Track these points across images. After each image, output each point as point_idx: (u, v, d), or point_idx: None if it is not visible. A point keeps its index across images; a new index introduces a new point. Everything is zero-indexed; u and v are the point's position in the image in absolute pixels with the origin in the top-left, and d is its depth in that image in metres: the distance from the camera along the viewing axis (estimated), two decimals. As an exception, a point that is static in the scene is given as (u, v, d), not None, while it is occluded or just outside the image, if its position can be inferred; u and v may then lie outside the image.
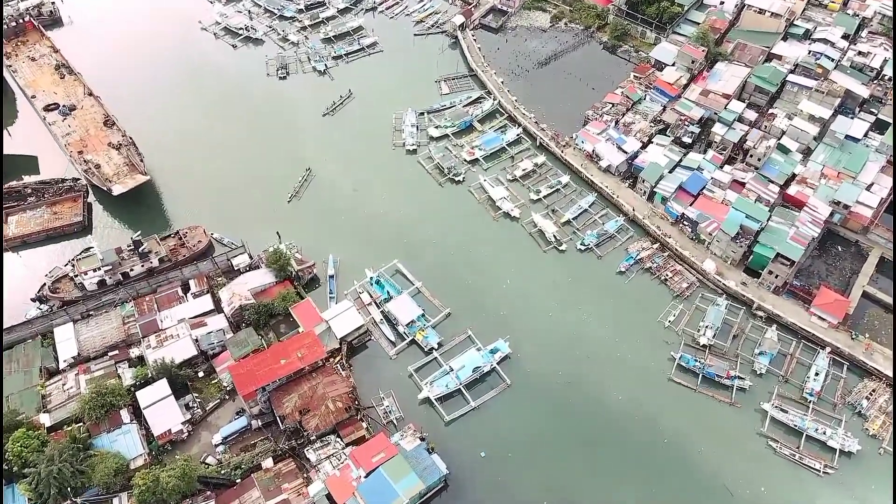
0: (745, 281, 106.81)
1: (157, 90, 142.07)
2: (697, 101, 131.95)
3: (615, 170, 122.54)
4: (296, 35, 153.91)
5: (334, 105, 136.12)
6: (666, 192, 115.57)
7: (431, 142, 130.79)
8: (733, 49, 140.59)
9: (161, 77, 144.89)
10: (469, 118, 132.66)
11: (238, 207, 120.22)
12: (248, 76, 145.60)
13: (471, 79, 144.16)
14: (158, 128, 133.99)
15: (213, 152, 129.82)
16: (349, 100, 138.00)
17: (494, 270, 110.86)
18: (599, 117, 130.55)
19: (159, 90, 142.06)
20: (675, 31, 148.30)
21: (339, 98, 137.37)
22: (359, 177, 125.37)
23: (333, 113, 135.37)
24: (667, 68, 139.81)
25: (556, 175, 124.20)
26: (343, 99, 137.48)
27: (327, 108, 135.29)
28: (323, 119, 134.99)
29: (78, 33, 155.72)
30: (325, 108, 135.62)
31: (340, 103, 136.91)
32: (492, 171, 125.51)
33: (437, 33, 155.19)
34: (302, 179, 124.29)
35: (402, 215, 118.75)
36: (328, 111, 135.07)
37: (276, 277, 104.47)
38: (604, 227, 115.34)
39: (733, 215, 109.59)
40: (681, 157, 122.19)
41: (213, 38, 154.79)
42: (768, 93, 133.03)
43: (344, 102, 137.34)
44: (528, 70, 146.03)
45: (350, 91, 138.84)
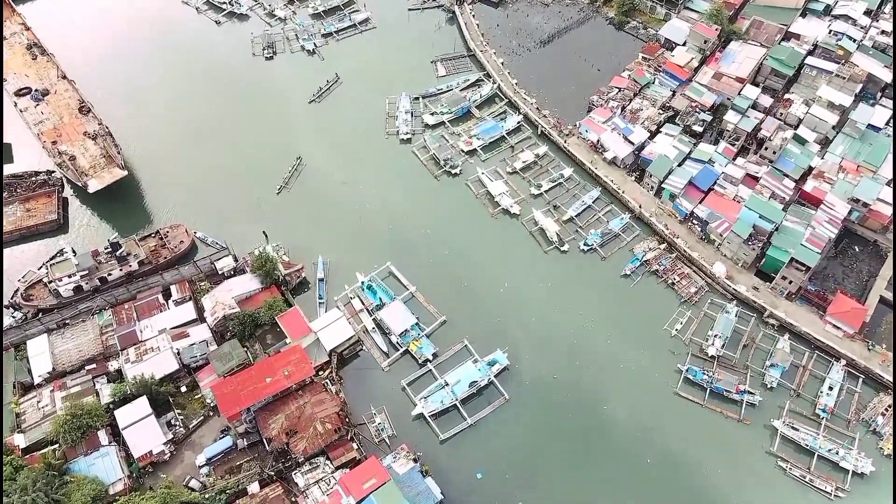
0: (756, 286, 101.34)
1: (136, 71, 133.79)
2: (709, 85, 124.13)
3: (621, 162, 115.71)
4: (283, 10, 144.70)
5: (320, 91, 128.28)
6: (675, 189, 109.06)
7: (427, 130, 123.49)
8: (748, 27, 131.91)
9: (139, 57, 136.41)
10: (467, 104, 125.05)
11: (223, 202, 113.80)
12: (233, 56, 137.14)
13: (469, 59, 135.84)
14: (137, 114, 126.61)
15: (195, 140, 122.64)
16: (336, 84, 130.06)
17: (492, 272, 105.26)
18: (605, 104, 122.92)
19: (138, 72, 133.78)
20: (687, 6, 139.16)
21: (326, 83, 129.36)
22: (350, 168, 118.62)
23: (320, 100, 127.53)
24: (677, 48, 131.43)
25: (559, 167, 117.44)
26: (330, 84, 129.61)
27: (313, 95, 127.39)
28: (312, 105, 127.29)
29: (51, 7, 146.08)
30: (312, 94, 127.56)
31: (327, 89, 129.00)
32: (490, 163, 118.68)
33: (434, 7, 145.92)
34: (292, 169, 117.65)
35: (396, 211, 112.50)
36: (314, 98, 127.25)
37: (263, 283, 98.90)
38: (608, 225, 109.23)
39: (746, 215, 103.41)
40: (691, 149, 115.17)
41: (195, 13, 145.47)
42: (785, 76, 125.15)
43: (331, 88, 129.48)
44: (530, 49, 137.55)
45: (337, 75, 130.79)
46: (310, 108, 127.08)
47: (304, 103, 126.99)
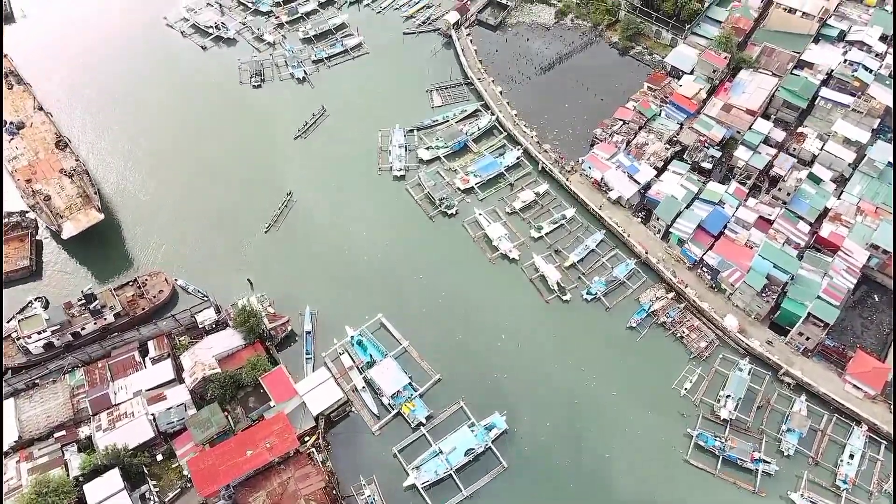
0: (770, 340, 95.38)
1: (116, 102, 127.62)
2: (718, 117, 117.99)
3: (626, 202, 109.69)
4: (272, 34, 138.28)
5: (306, 126, 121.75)
6: (683, 234, 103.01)
7: (421, 165, 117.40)
8: (759, 54, 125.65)
9: (120, 86, 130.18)
10: (464, 138, 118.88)
11: (206, 244, 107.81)
12: (219, 84, 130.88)
13: (466, 87, 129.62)
14: (117, 148, 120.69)
15: (178, 176, 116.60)
16: (322, 117, 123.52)
17: (490, 323, 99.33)
18: (609, 138, 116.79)
19: (118, 102, 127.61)
20: (694, 31, 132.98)
21: (312, 116, 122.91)
22: (340, 206, 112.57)
23: (306, 135, 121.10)
24: (684, 77, 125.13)
25: (560, 207, 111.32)
26: (315, 117, 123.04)
27: (299, 130, 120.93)
28: (299, 140, 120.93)
29: (29, 32, 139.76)
30: (298, 129, 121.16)
31: (313, 122, 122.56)
32: (489, 202, 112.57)
33: (430, 31, 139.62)
34: (282, 205, 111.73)
35: (388, 254, 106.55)
36: (300, 133, 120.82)
37: (246, 339, 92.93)
38: (613, 271, 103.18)
39: (759, 264, 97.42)
40: (700, 188, 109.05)
41: (180, 36, 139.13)
42: (798, 109, 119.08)
43: (317, 121, 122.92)
44: (530, 77, 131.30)
45: (323, 108, 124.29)
46: (298, 141, 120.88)
47: (291, 138, 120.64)
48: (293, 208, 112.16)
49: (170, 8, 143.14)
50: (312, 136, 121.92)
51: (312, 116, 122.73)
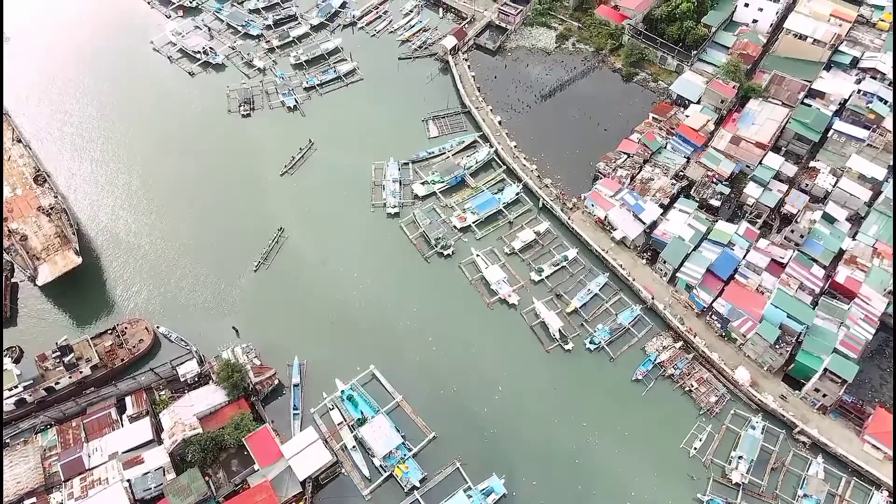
0: (784, 394, 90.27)
1: (98, 131, 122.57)
2: (727, 151, 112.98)
3: (631, 243, 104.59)
4: (262, 60, 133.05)
5: (293, 161, 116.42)
6: (691, 279, 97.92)
7: (416, 201, 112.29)
8: (768, 83, 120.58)
9: (104, 114, 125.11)
10: (461, 172, 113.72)
11: (191, 286, 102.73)
12: (207, 113, 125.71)
13: (463, 116, 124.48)
14: (97, 181, 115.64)
15: (163, 212, 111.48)
16: (310, 150, 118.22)
17: (487, 373, 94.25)
18: (612, 172, 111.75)
19: (100, 131, 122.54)
20: (701, 58, 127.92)
21: (299, 150, 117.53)
22: (331, 246, 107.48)
23: (293, 171, 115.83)
24: (691, 107, 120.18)
25: (562, 248, 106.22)
26: (303, 151, 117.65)
27: (285, 166, 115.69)
28: (287, 175, 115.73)
29: (9, 57, 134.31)
30: (284, 164, 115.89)
31: (301, 157, 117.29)
32: (487, 241, 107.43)
33: (426, 57, 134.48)
34: (273, 242, 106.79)
35: (381, 298, 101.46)
36: (287, 169, 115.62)
37: (229, 396, 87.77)
38: (617, 318, 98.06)
39: (771, 314, 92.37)
40: (709, 227, 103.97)
41: (167, 61, 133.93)
42: (810, 142, 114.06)
43: (304, 156, 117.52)
44: (530, 105, 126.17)
45: (310, 141, 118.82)
46: (289, 175, 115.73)
47: (279, 172, 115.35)
48: (284, 245, 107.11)
49: (156, 32, 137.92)
50: (305, 167, 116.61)
51: (300, 151, 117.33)
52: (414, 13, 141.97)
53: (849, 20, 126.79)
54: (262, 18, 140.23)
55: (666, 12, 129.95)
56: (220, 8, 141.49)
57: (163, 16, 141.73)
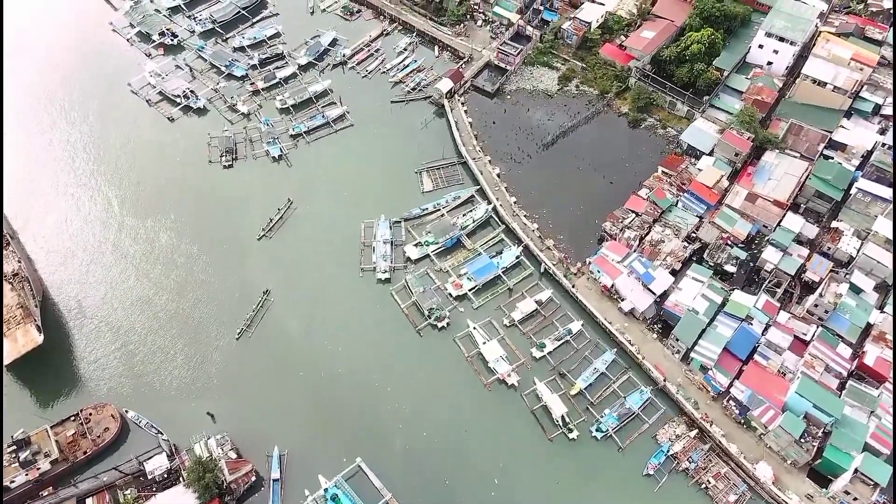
0: (811, 494, 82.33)
1: (70, 185, 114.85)
2: (742, 209, 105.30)
3: (640, 315, 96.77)
4: (246, 104, 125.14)
5: (271, 223, 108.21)
6: (706, 359, 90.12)
7: (409, 265, 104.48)
8: (786, 133, 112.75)
9: (75, 165, 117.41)
10: (457, 233, 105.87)
11: (164, 363, 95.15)
12: (187, 162, 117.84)
13: (460, 167, 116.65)
14: (67, 241, 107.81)
15: (136, 276, 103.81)
16: (289, 211, 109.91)
17: (483, 464, 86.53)
18: (619, 233, 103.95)
19: (72, 184, 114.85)
20: (713, 103, 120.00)
21: (277, 211, 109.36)
22: (317, 316, 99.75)
23: (270, 234, 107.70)
24: (703, 159, 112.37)
25: (566, 319, 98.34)
26: (281, 212, 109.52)
27: (262, 230, 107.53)
28: (269, 234, 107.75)
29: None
30: (261, 227, 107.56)
31: (279, 217, 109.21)
32: (485, 310, 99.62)
33: (420, 99, 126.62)
34: (257, 306, 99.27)
35: (369, 377, 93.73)
36: (264, 233, 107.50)
37: (201, 498, 79.88)
38: (626, 402, 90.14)
39: (795, 403, 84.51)
40: (724, 297, 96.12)
41: (146, 105, 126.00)
42: (831, 199, 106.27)
43: (283, 216, 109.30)
44: (531, 155, 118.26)
45: (289, 200, 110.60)
46: (273, 233, 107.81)
47: (257, 236, 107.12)
48: (267, 313, 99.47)
49: (135, 72, 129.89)
50: (291, 226, 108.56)
51: (278, 212, 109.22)
52: (408, 51, 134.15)
53: (870, 64, 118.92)
54: (247, 57, 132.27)
55: (675, 53, 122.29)
56: (203, 46, 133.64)
57: (143, 54, 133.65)
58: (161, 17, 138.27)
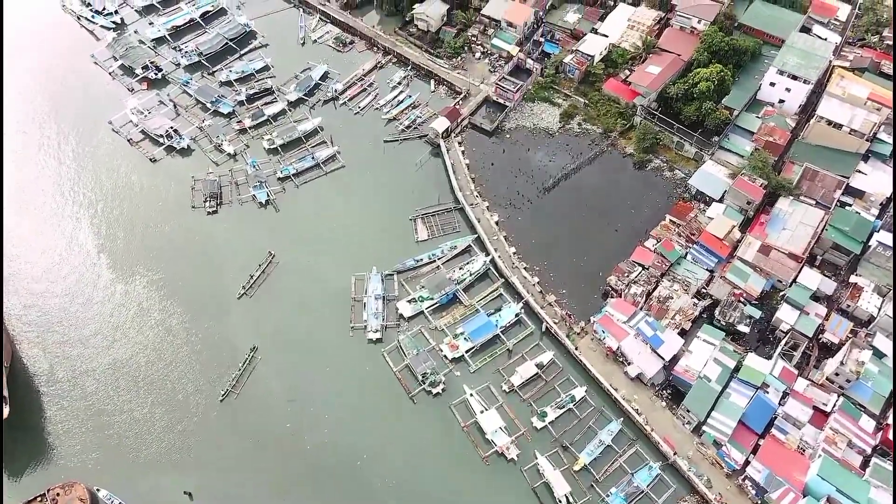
0: (834, 586, 76.45)
1: (42, 233, 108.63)
2: (755, 262, 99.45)
3: (648, 381, 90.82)
4: (232, 144, 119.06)
5: (251, 281, 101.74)
6: (720, 433, 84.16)
7: (402, 322, 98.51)
8: (800, 178, 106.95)
9: (49, 211, 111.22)
10: (452, 288, 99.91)
11: (140, 433, 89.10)
12: (169, 208, 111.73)
13: (456, 213, 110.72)
14: (35, 298, 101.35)
15: (111, 336, 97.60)
16: (275, 262, 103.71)
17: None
18: (625, 288, 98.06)
19: (44, 233, 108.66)
20: (722, 145, 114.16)
21: (258, 267, 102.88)
22: (303, 379, 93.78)
23: (251, 293, 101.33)
24: (713, 206, 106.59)
25: (568, 384, 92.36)
26: (262, 266, 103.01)
27: (243, 287, 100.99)
28: (250, 293, 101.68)
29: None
30: (242, 285, 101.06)
31: (262, 272, 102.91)
32: (482, 374, 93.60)
33: (415, 139, 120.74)
34: (244, 364, 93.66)
35: (357, 446, 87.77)
36: (244, 290, 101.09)
37: None
38: (633, 478, 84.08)
39: (817, 486, 78.64)
40: (738, 362, 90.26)
41: (126, 145, 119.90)
42: (850, 252, 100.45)
43: (265, 270, 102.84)
44: (531, 200, 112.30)
45: (271, 254, 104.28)
46: (257, 289, 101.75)
47: (237, 294, 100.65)
48: (256, 369, 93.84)
49: (117, 108, 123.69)
50: (278, 278, 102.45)
51: (258, 267, 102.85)
52: (403, 85, 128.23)
53: (888, 104, 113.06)
54: (234, 92, 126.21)
55: (682, 90, 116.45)
56: (189, 80, 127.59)
57: (125, 89, 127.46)
58: (145, 49, 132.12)
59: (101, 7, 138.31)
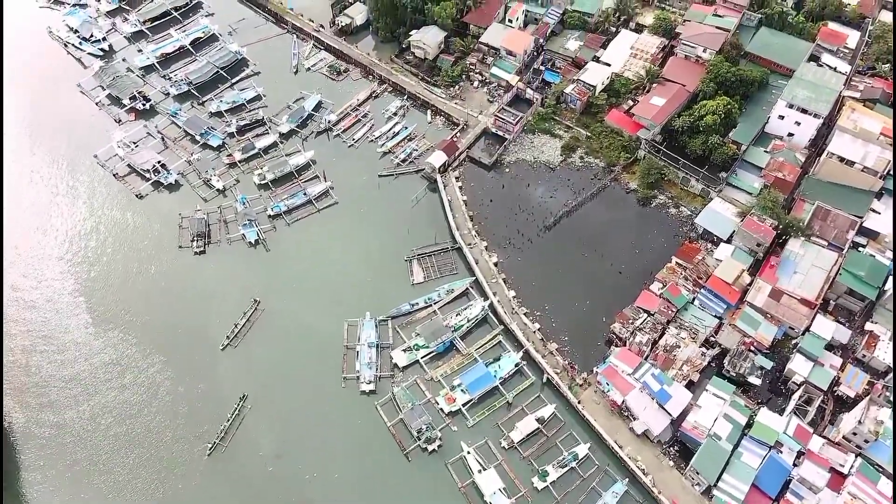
0: None
1: (21, 278, 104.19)
2: (766, 308, 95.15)
3: (655, 438, 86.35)
4: (222, 179, 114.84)
5: (236, 330, 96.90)
6: (732, 499, 79.65)
7: (396, 373, 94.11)
8: (811, 218, 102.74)
9: (26, 252, 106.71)
10: (449, 337, 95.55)
11: (122, 495, 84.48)
12: (154, 248, 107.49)
13: (454, 254, 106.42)
14: (7, 339, 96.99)
15: (90, 389, 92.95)
16: (256, 314, 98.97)
17: None
18: (630, 336, 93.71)
19: (24, 277, 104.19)
20: (730, 182, 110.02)
21: (243, 315, 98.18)
22: (291, 433, 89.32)
23: (236, 342, 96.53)
24: (721, 248, 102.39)
25: (571, 440, 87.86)
26: (247, 314, 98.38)
27: (227, 338, 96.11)
28: (239, 337, 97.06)
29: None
30: (225, 336, 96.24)
31: (246, 320, 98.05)
32: (481, 427, 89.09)
33: (411, 173, 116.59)
34: (233, 414, 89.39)
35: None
36: (227, 342, 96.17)
37: None
38: (641, 547, 79.78)
39: (837, 559, 74.13)
40: (749, 418, 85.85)
41: (112, 179, 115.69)
42: (865, 297, 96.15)
43: (250, 318, 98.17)
44: (531, 239, 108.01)
45: (256, 301, 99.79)
46: (241, 338, 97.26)
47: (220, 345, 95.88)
48: (244, 421, 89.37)
49: (103, 140, 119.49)
50: (266, 325, 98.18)
51: (243, 315, 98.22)
52: (399, 116, 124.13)
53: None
54: (224, 124, 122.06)
55: (688, 123, 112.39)
56: (177, 111, 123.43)
57: (112, 119, 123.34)
58: (133, 78, 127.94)
59: (88, 34, 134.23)
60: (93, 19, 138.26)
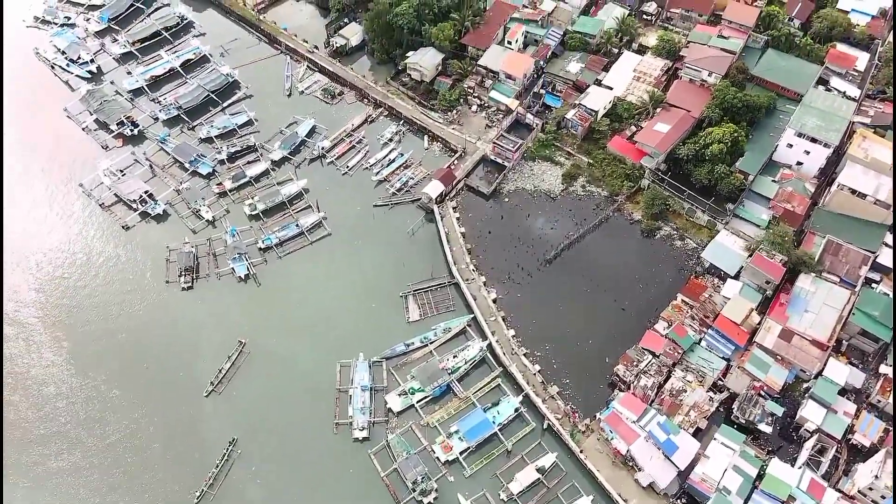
0: None
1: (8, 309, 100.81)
2: (776, 349, 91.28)
3: (661, 490, 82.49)
4: (211, 209, 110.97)
5: (220, 376, 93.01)
6: (743, 561, 75.90)
7: (391, 418, 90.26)
8: (822, 253, 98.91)
9: (12, 283, 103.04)
10: (446, 380, 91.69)
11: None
12: (140, 283, 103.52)
13: (451, 289, 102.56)
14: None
15: (70, 437, 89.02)
16: (241, 356, 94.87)
17: None
18: (635, 380, 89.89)
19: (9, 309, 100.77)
20: (737, 213, 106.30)
21: (227, 359, 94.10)
22: (279, 484, 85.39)
23: (220, 389, 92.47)
24: (728, 284, 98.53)
25: (573, 491, 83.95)
26: (233, 357, 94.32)
27: (211, 384, 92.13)
28: (219, 389, 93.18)
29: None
30: (210, 382, 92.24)
31: (231, 364, 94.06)
32: (479, 477, 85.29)
33: (407, 203, 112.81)
34: (221, 462, 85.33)
35: (343, 568, 79.55)
36: (212, 388, 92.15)
37: None
38: None
39: None
40: (760, 469, 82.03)
41: (99, 210, 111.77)
42: (879, 339, 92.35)
43: (236, 362, 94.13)
44: (531, 274, 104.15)
45: (241, 343, 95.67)
46: (225, 384, 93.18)
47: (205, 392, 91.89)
48: (234, 466, 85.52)
49: (88, 169, 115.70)
50: (255, 366, 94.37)
51: (228, 358, 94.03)
52: (394, 142, 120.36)
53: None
54: (214, 150, 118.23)
55: (693, 152, 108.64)
56: (166, 138, 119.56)
57: (99, 146, 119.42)
58: (121, 102, 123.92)
59: (76, 55, 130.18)
60: (81, 40, 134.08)
